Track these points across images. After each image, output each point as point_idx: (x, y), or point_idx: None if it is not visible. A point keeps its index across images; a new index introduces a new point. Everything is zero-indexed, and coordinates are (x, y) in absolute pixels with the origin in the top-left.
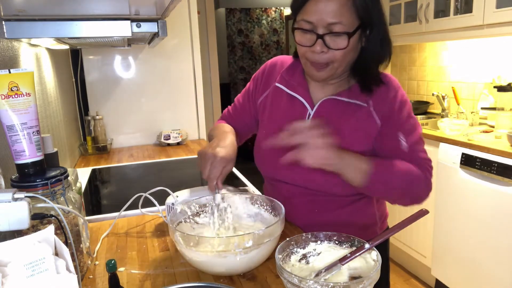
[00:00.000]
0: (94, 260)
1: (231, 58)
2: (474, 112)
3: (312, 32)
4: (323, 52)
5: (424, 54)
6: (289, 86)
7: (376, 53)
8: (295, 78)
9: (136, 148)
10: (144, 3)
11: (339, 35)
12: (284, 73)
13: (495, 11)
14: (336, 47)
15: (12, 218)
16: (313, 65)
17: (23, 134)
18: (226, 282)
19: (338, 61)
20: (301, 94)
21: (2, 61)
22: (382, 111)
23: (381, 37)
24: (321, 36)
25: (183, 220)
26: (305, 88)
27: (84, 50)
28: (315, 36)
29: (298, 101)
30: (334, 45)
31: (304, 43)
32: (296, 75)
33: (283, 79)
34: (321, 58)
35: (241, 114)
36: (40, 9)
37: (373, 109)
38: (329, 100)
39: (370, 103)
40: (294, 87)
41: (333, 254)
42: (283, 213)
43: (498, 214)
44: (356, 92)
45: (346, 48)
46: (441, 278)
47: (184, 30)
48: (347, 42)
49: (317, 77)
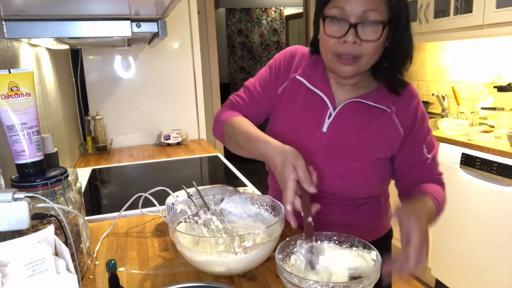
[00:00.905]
0: (94, 260)
1: (231, 58)
2: (474, 112)
3: (343, 22)
4: (354, 44)
5: (424, 54)
6: (310, 81)
7: (403, 53)
8: (317, 74)
9: (136, 148)
10: (144, 3)
11: (372, 25)
12: (307, 67)
13: (495, 11)
14: (368, 38)
15: (12, 218)
16: (340, 60)
17: (23, 134)
18: (226, 282)
19: (367, 55)
20: (323, 92)
21: (2, 61)
22: (405, 119)
23: (407, 36)
24: (355, 26)
25: (183, 220)
26: (328, 85)
27: (84, 50)
28: (346, 25)
29: (319, 98)
30: (365, 36)
31: (335, 33)
32: (317, 71)
33: (305, 73)
34: (352, 50)
35: (258, 102)
36: (40, 9)
37: (396, 116)
38: (353, 102)
39: (393, 109)
40: (316, 83)
41: (333, 254)
42: (283, 213)
43: (498, 214)
44: (380, 95)
45: (378, 41)
46: (441, 278)
47: (184, 30)
48: (381, 32)
49: (344, 72)
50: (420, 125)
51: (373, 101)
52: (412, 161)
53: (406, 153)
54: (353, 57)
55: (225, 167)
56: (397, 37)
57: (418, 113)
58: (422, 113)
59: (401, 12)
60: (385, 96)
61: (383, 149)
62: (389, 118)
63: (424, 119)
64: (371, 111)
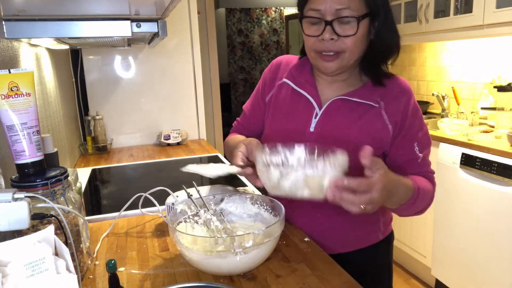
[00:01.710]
0: (94, 260)
1: (231, 58)
2: (474, 112)
3: (320, 21)
4: (332, 40)
5: (424, 54)
6: (296, 83)
7: (385, 46)
8: (303, 75)
9: (136, 148)
10: (144, 3)
11: (348, 22)
12: (293, 69)
13: (495, 11)
14: (345, 33)
15: (12, 218)
16: (323, 57)
17: (23, 134)
18: (226, 282)
19: (348, 50)
20: (308, 92)
21: (2, 61)
22: (394, 115)
23: (389, 29)
24: (330, 23)
25: (183, 220)
26: (313, 86)
27: (84, 50)
28: (323, 24)
29: (305, 100)
30: (343, 31)
31: (313, 33)
32: (304, 73)
33: (291, 75)
34: (331, 46)
35: (252, 118)
36: (40, 9)
37: (384, 111)
38: (339, 100)
39: (382, 105)
40: (302, 84)
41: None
42: (283, 213)
43: (498, 214)
44: (367, 91)
45: (356, 35)
46: (441, 278)
47: (184, 30)
48: (356, 27)
49: (327, 69)
50: (411, 121)
51: (359, 97)
52: (402, 159)
53: (397, 151)
54: (335, 53)
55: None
56: (377, 30)
57: (408, 109)
58: (413, 109)
59: (377, 6)
60: (372, 92)
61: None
62: (378, 114)
63: (415, 116)
64: (358, 108)
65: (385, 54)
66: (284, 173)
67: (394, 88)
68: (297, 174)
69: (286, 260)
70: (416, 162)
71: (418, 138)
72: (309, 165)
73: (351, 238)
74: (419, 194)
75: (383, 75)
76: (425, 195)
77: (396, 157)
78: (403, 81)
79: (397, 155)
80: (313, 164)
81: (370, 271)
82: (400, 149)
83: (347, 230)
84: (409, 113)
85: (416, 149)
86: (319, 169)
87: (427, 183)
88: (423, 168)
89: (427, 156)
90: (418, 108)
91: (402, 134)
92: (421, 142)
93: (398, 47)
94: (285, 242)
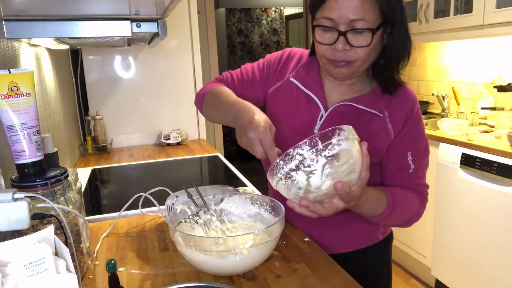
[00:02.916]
0: (94, 260)
1: (231, 58)
2: (474, 112)
3: (333, 30)
4: (345, 50)
5: (424, 54)
6: (303, 83)
7: (398, 51)
8: (310, 75)
9: (136, 148)
10: (144, 3)
11: (361, 32)
12: (300, 68)
13: (495, 11)
14: (358, 44)
15: (12, 218)
16: (333, 63)
17: (23, 134)
18: (226, 282)
19: (361, 59)
20: (315, 93)
21: (2, 61)
22: (397, 123)
23: (403, 35)
24: (344, 33)
25: (183, 220)
26: (320, 86)
27: (84, 50)
28: (336, 33)
29: (311, 100)
30: (356, 42)
31: (325, 41)
32: (312, 72)
33: (299, 74)
34: (343, 56)
35: (245, 87)
36: (40, 9)
37: (389, 120)
38: (344, 105)
39: (386, 114)
40: (309, 84)
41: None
42: (283, 213)
43: (498, 214)
44: (374, 98)
45: (369, 46)
46: (441, 278)
47: (184, 30)
48: (371, 39)
49: (337, 74)
50: (409, 129)
51: (364, 105)
52: (394, 165)
53: (390, 156)
54: (347, 61)
55: (225, 167)
56: (392, 37)
57: (410, 117)
58: (415, 118)
59: (394, 12)
60: (379, 99)
61: (374, 155)
62: (382, 123)
63: (415, 125)
64: (363, 115)
65: (397, 59)
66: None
67: (400, 96)
68: (328, 190)
69: (286, 260)
70: (407, 172)
71: (414, 147)
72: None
73: (351, 238)
74: (394, 208)
75: (394, 83)
76: (406, 209)
77: (388, 161)
78: (410, 90)
79: (389, 161)
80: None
81: (370, 271)
82: (392, 153)
83: (347, 230)
84: (409, 120)
85: (409, 158)
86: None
87: (412, 198)
88: (413, 180)
89: (421, 168)
90: (420, 118)
91: (398, 140)
92: (416, 153)
93: (409, 53)
94: (285, 242)
